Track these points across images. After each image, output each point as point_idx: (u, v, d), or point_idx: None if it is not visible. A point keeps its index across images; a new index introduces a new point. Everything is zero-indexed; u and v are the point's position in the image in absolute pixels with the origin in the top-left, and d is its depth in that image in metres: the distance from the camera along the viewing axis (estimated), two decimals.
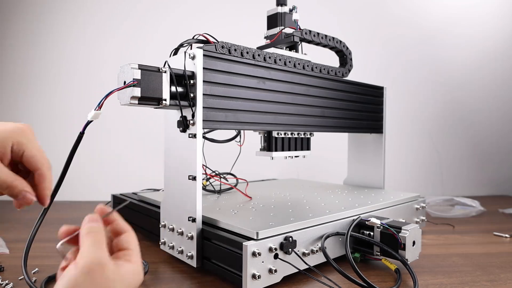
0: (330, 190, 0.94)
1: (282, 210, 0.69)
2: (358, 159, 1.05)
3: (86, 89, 1.34)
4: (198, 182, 0.59)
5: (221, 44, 0.63)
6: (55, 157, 1.45)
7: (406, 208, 0.83)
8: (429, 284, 0.57)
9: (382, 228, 0.62)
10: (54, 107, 1.34)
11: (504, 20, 1.55)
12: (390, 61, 1.51)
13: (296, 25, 0.80)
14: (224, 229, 0.58)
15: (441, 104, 1.55)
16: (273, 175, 1.40)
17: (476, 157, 1.56)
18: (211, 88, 0.61)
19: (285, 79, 0.73)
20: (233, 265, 0.53)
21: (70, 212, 1.09)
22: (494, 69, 1.55)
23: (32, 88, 1.33)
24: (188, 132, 0.60)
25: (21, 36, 1.33)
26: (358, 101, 0.90)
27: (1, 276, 0.59)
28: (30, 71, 1.33)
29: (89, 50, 1.34)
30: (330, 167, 1.42)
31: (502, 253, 0.74)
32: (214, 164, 0.87)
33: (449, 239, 0.85)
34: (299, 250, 0.57)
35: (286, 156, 0.79)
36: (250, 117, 0.67)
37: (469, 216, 1.08)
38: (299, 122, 0.76)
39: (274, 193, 0.90)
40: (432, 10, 1.53)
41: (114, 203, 0.93)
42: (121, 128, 1.36)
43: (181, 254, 0.62)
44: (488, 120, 1.56)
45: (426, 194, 1.41)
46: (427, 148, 1.54)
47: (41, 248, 0.74)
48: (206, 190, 0.88)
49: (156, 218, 0.71)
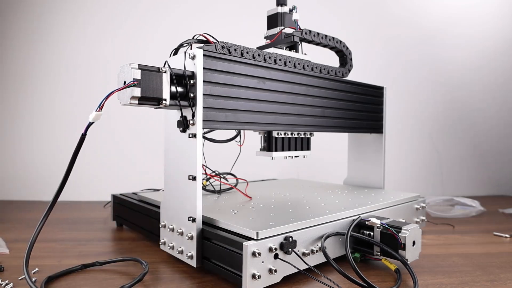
0: (330, 190, 0.94)
1: (282, 210, 0.69)
2: (358, 159, 1.05)
3: (86, 89, 1.34)
4: (198, 182, 0.59)
5: (221, 44, 0.63)
6: (56, 157, 1.45)
7: (406, 208, 0.83)
8: (429, 284, 0.57)
9: (382, 228, 0.62)
10: (54, 108, 1.34)
11: (504, 20, 1.55)
12: (390, 61, 1.51)
13: (296, 25, 0.80)
14: (224, 229, 0.58)
15: (441, 104, 1.55)
16: (273, 175, 1.40)
17: (476, 157, 1.56)
18: (211, 88, 0.61)
19: (285, 79, 0.73)
20: (233, 265, 0.53)
21: (70, 212, 1.09)
22: (494, 69, 1.55)
23: (32, 89, 1.34)
24: (188, 132, 0.60)
25: (21, 36, 1.33)
26: (358, 101, 0.90)
27: (1, 276, 0.59)
28: (31, 71, 1.33)
29: (89, 50, 1.34)
30: (330, 167, 1.42)
31: (502, 253, 0.74)
32: (214, 164, 0.88)
33: (449, 239, 0.85)
34: (299, 250, 0.57)
35: (286, 156, 0.79)
36: (250, 117, 0.67)
37: (469, 216, 1.09)
38: (299, 122, 0.76)
39: (274, 193, 0.90)
40: (432, 10, 1.53)
41: (114, 203, 0.93)
42: (121, 128, 1.36)
43: (181, 254, 0.62)
44: (488, 120, 1.56)
45: (426, 194, 1.41)
46: (427, 148, 1.54)
47: (41, 248, 0.74)
48: (206, 190, 0.88)
49: (156, 218, 0.71)
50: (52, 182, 1.19)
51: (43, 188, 1.30)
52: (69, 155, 0.52)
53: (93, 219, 1.01)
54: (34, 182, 1.32)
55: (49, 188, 1.27)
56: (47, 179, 1.31)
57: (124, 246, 0.77)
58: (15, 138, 1.33)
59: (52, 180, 1.25)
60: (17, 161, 1.33)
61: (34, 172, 1.32)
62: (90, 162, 1.32)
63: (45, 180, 1.31)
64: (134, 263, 0.65)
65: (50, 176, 1.30)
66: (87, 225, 0.94)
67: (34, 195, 1.30)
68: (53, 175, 1.28)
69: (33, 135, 1.33)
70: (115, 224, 0.94)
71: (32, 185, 1.31)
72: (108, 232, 0.88)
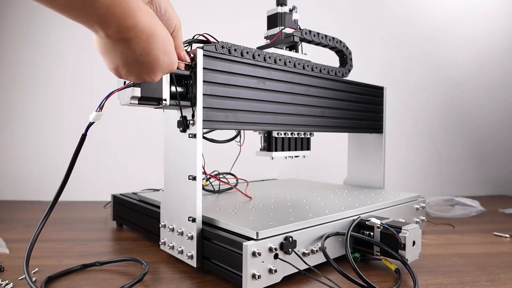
0: (330, 190, 0.94)
1: (282, 210, 0.69)
2: (358, 159, 1.05)
3: (86, 89, 1.34)
4: (198, 182, 0.59)
5: (221, 44, 0.63)
6: (56, 157, 1.45)
7: (406, 208, 0.83)
8: (429, 284, 0.57)
9: (382, 228, 0.62)
10: (54, 108, 1.34)
11: (504, 19, 1.55)
12: (390, 60, 1.51)
13: (296, 25, 0.80)
14: (224, 229, 0.58)
15: (441, 104, 1.55)
16: (273, 175, 1.40)
17: (476, 157, 1.56)
18: (211, 88, 0.61)
19: (285, 79, 0.73)
20: (233, 265, 0.53)
21: (70, 212, 1.09)
22: (494, 68, 1.55)
23: (31, 88, 1.33)
24: (188, 132, 0.60)
25: (22, 36, 1.33)
26: (358, 101, 0.90)
27: (1, 276, 0.59)
28: (31, 71, 1.33)
29: (89, 50, 1.34)
30: (330, 167, 1.42)
31: (502, 253, 0.74)
32: (214, 164, 0.88)
33: (449, 239, 0.85)
34: (299, 250, 0.57)
35: (286, 156, 0.79)
36: (250, 117, 0.67)
37: (469, 216, 1.09)
38: (299, 122, 0.76)
39: (274, 193, 0.90)
40: (432, 10, 1.53)
41: (114, 203, 0.93)
42: (121, 128, 1.36)
43: (181, 254, 0.62)
44: (488, 120, 1.56)
45: (426, 194, 1.42)
46: (427, 148, 1.54)
47: (41, 248, 0.74)
48: (205, 190, 0.88)
49: (156, 218, 0.71)
50: (52, 182, 1.19)
51: (43, 188, 1.30)
52: (69, 155, 0.52)
53: (93, 219, 1.01)
54: (34, 182, 1.32)
55: (50, 188, 1.27)
56: (47, 179, 1.31)
57: (124, 246, 0.77)
58: (15, 138, 1.33)
59: (52, 180, 1.25)
60: (17, 161, 1.33)
61: (34, 172, 1.32)
62: (90, 162, 1.32)
63: (45, 180, 1.31)
64: (134, 263, 0.65)
65: (51, 176, 1.30)
66: (87, 225, 0.94)
67: (34, 195, 1.30)
68: (53, 175, 1.28)
69: (33, 135, 1.33)
70: (115, 224, 0.94)
71: (33, 185, 1.31)
72: (108, 232, 0.88)
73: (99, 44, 0.41)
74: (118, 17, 0.36)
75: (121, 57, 0.41)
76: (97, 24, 0.36)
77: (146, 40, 0.40)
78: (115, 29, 0.37)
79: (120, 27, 0.37)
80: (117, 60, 0.42)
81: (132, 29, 0.38)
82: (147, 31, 0.39)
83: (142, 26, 0.38)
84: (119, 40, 0.39)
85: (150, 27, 0.40)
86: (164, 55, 0.44)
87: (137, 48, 0.40)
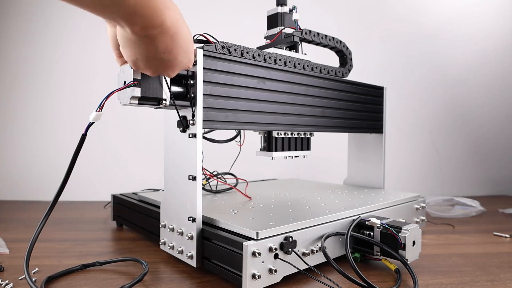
0: (330, 190, 0.94)
1: (282, 210, 0.69)
2: (358, 159, 1.05)
3: (87, 89, 1.34)
4: (198, 182, 0.59)
5: (221, 44, 0.63)
6: (56, 157, 1.45)
7: (406, 208, 0.83)
8: (429, 284, 0.57)
9: (382, 228, 0.62)
10: (54, 108, 1.34)
11: (504, 18, 1.55)
12: (389, 59, 1.51)
13: (296, 25, 0.80)
14: (224, 229, 0.58)
15: (441, 103, 1.55)
16: (273, 175, 1.40)
17: (476, 157, 1.56)
18: (211, 88, 0.61)
19: (285, 79, 0.73)
20: (233, 265, 0.53)
21: (70, 212, 1.09)
22: (495, 68, 1.55)
23: (31, 88, 1.33)
24: (188, 132, 0.60)
25: (22, 36, 1.33)
26: (358, 101, 0.90)
27: (1, 276, 0.59)
28: (31, 70, 1.33)
29: (89, 50, 1.34)
30: (330, 167, 1.42)
31: (502, 253, 0.74)
32: (214, 164, 0.88)
33: (449, 239, 0.85)
34: (299, 250, 0.57)
35: (286, 156, 0.79)
36: (250, 117, 0.67)
37: (469, 216, 1.09)
38: (299, 122, 0.76)
39: (274, 193, 0.90)
40: (432, 9, 1.53)
41: (114, 203, 0.93)
42: (121, 128, 1.36)
43: (181, 254, 0.62)
44: (488, 119, 1.56)
45: (426, 194, 1.42)
46: (427, 148, 1.54)
47: (41, 248, 0.74)
48: (204, 189, 0.88)
49: (156, 218, 0.71)
50: (52, 182, 1.19)
51: (43, 188, 1.30)
52: (69, 155, 0.52)
53: (93, 219, 1.01)
54: (34, 182, 1.32)
55: (50, 188, 1.27)
56: (47, 179, 1.31)
57: (124, 246, 0.77)
58: (15, 138, 1.33)
59: (52, 180, 1.25)
60: (17, 161, 1.33)
61: (34, 172, 1.32)
62: (90, 162, 1.32)
63: (45, 180, 1.31)
64: (134, 263, 0.65)
65: (51, 176, 1.30)
66: (87, 225, 0.94)
67: (34, 195, 1.30)
68: (53, 175, 1.28)
69: (33, 135, 1.33)
70: (115, 224, 0.94)
71: (33, 185, 1.31)
72: (108, 232, 0.88)
73: (122, 37, 0.42)
74: (145, 16, 0.36)
75: (143, 53, 0.42)
76: (124, 21, 0.37)
77: (170, 39, 0.41)
78: (141, 26, 0.37)
79: (147, 25, 0.37)
80: (139, 54, 0.42)
81: (158, 27, 0.38)
82: (172, 30, 0.40)
83: (168, 25, 0.39)
84: (144, 36, 0.39)
85: (175, 26, 0.40)
86: (184, 54, 0.44)
87: (160, 45, 0.41)
